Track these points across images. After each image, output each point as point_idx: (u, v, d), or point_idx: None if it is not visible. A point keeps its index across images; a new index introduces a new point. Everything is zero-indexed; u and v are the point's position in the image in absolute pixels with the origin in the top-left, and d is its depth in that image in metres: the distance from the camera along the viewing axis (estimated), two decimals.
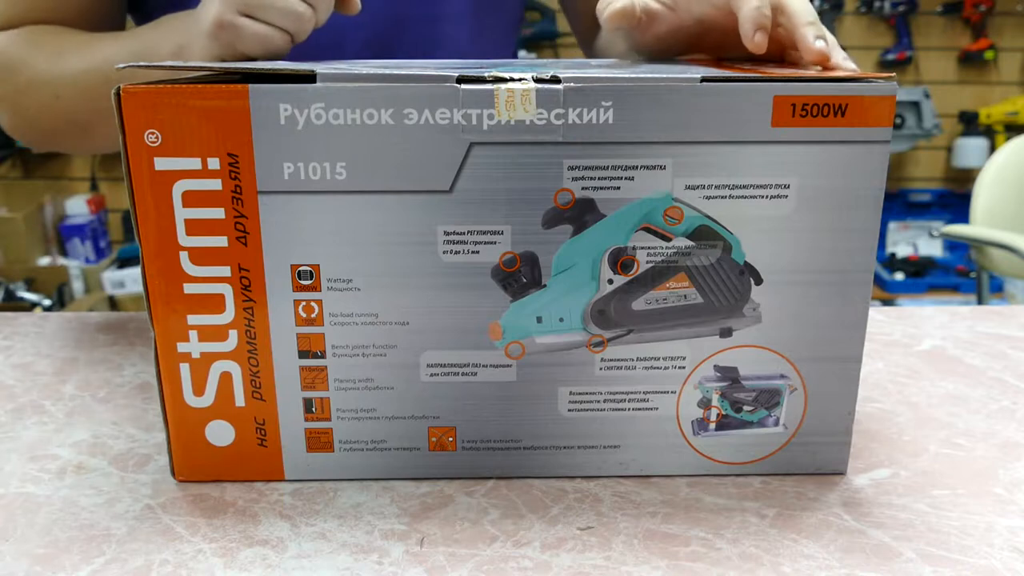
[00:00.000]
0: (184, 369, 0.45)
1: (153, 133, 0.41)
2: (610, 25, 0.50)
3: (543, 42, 2.76)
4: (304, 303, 0.44)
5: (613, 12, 0.50)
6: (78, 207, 3.04)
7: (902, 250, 3.10)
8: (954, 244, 3.05)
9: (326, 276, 0.44)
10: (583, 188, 0.43)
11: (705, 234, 0.44)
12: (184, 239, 0.43)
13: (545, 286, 0.44)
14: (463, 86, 0.41)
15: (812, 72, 0.45)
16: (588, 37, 0.85)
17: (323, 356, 0.45)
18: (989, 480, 0.48)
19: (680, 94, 0.41)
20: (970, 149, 2.94)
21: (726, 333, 0.46)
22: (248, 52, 0.51)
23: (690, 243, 0.44)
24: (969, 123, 2.96)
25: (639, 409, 0.47)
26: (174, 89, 0.41)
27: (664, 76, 0.41)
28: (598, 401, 0.47)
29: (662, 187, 0.43)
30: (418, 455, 0.47)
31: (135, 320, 0.74)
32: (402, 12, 0.72)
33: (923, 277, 2.94)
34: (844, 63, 0.47)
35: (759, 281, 0.45)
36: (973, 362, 0.65)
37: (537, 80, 0.41)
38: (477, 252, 0.44)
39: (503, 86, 0.41)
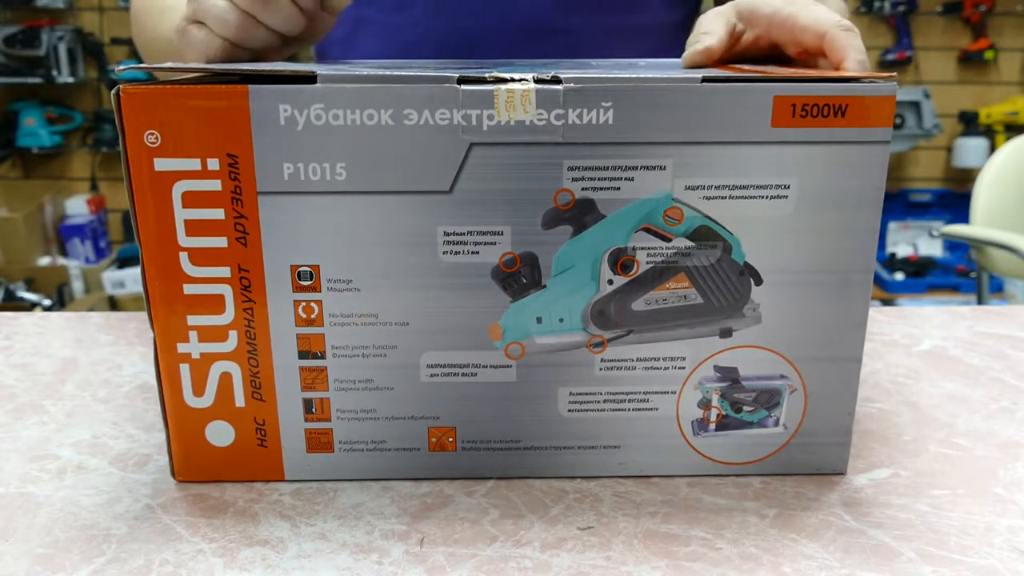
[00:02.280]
0: (184, 369, 0.45)
1: (153, 134, 0.41)
2: (686, 65, 0.51)
3: None
4: (304, 303, 0.44)
5: (692, 55, 0.51)
6: (78, 207, 3.04)
7: (902, 250, 3.10)
8: (954, 244, 3.06)
9: (326, 276, 0.44)
10: (583, 188, 0.43)
11: (705, 234, 0.44)
12: (184, 240, 0.43)
13: (545, 287, 0.44)
14: (463, 86, 0.41)
15: (812, 72, 0.45)
16: None
17: (323, 357, 0.45)
18: (989, 480, 0.48)
19: (680, 94, 0.41)
20: (970, 149, 2.94)
21: (726, 333, 0.46)
22: (192, 58, 0.51)
23: (690, 243, 0.44)
24: (969, 123, 2.96)
25: (639, 409, 0.47)
26: (174, 89, 0.41)
27: (664, 76, 0.41)
28: (598, 401, 0.47)
29: (662, 187, 0.43)
30: (418, 455, 0.47)
31: (135, 320, 0.74)
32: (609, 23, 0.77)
33: (923, 277, 2.95)
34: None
35: (759, 281, 0.45)
36: (973, 362, 0.65)
37: (537, 80, 0.41)
38: (477, 252, 0.44)
39: (503, 86, 0.41)
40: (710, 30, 0.51)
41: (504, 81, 0.41)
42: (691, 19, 0.86)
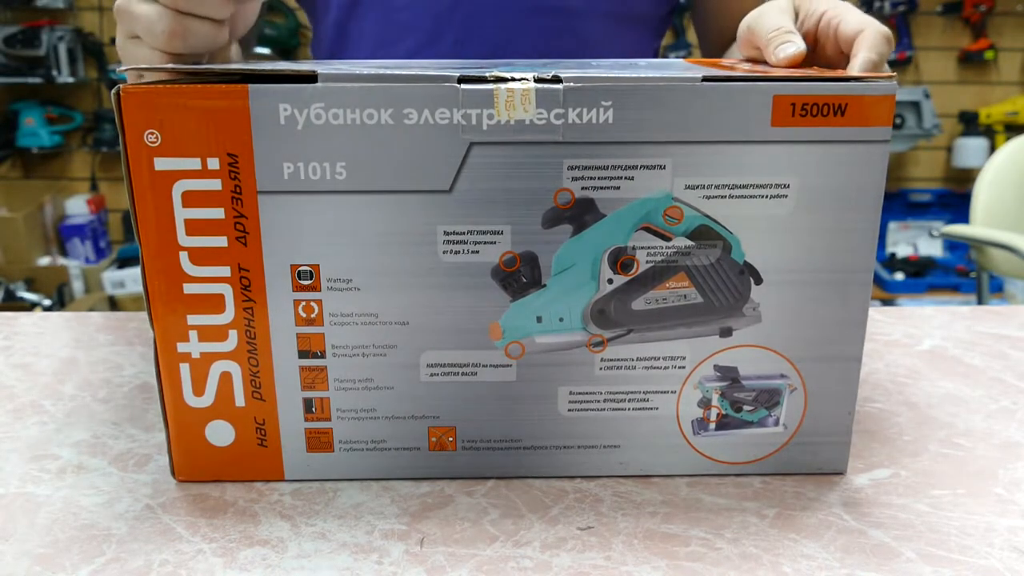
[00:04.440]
0: (184, 369, 0.45)
1: (153, 133, 0.41)
2: (783, 65, 0.50)
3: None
4: (304, 303, 0.44)
5: (790, 58, 0.50)
6: (78, 207, 3.04)
7: (902, 250, 3.10)
8: (954, 244, 3.06)
9: (326, 276, 0.44)
10: (583, 188, 0.43)
11: (705, 234, 0.44)
12: (184, 239, 0.43)
13: (545, 286, 0.44)
14: (463, 86, 0.41)
15: (811, 72, 0.45)
16: (715, 49, 0.87)
17: (323, 356, 0.45)
18: (989, 480, 0.48)
19: (680, 94, 0.41)
20: (970, 149, 2.94)
21: (726, 333, 0.46)
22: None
23: (690, 243, 0.44)
24: (969, 123, 2.96)
25: (639, 409, 0.47)
26: (174, 89, 0.41)
27: (664, 76, 0.41)
28: (598, 401, 0.47)
29: (662, 187, 0.43)
30: (418, 455, 0.47)
31: (135, 320, 0.74)
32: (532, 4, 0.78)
33: (923, 277, 2.95)
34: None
35: (759, 281, 0.45)
36: (973, 362, 0.65)
37: (537, 80, 0.41)
38: (477, 252, 0.44)
39: (503, 86, 0.41)
40: (791, 28, 0.50)
41: (504, 80, 0.41)
42: (671, 14, 0.88)
